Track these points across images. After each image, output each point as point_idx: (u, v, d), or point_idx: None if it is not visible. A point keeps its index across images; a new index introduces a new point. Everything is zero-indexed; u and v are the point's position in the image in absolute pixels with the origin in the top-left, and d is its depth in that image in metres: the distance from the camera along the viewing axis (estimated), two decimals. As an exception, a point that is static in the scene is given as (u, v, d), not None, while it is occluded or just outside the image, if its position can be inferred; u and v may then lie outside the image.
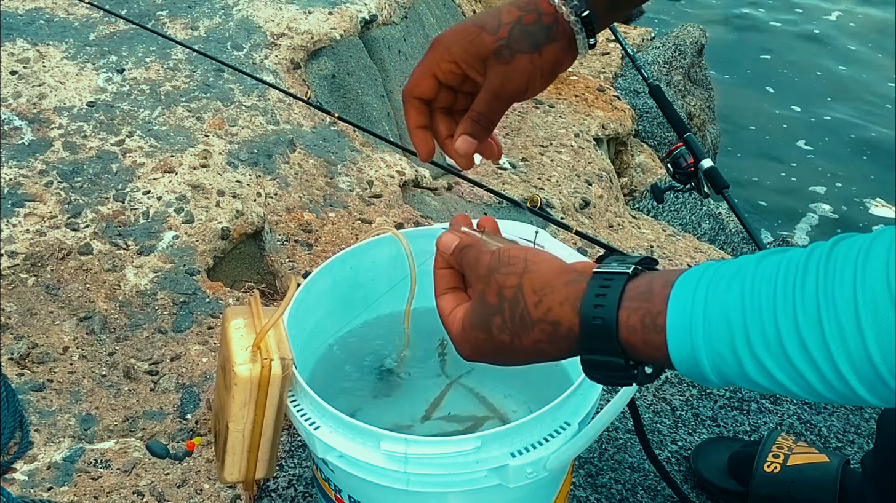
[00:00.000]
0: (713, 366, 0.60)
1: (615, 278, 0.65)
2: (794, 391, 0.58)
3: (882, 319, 0.53)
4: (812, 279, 0.56)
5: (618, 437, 1.42)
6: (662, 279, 0.64)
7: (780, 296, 0.57)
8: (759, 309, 0.58)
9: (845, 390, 0.55)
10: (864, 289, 0.54)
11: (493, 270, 0.70)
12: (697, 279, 0.62)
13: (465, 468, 0.84)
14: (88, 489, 1.19)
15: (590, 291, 0.65)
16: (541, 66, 0.82)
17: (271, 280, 1.65)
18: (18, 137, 1.67)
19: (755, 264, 0.60)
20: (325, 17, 2.15)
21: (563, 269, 0.68)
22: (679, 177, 1.60)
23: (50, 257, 1.48)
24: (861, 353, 0.54)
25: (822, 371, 0.55)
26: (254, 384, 0.91)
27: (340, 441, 0.87)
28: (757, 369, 0.58)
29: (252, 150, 1.78)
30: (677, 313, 0.61)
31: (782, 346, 0.56)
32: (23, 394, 1.29)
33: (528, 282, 0.68)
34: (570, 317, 0.65)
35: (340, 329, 1.16)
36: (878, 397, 0.55)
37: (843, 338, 0.54)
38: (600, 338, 0.64)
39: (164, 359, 1.40)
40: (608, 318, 0.63)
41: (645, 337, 0.62)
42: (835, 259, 0.56)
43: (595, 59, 3.01)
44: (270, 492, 1.23)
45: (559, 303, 0.66)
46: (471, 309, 0.72)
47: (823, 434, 1.49)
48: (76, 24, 2.02)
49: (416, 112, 0.85)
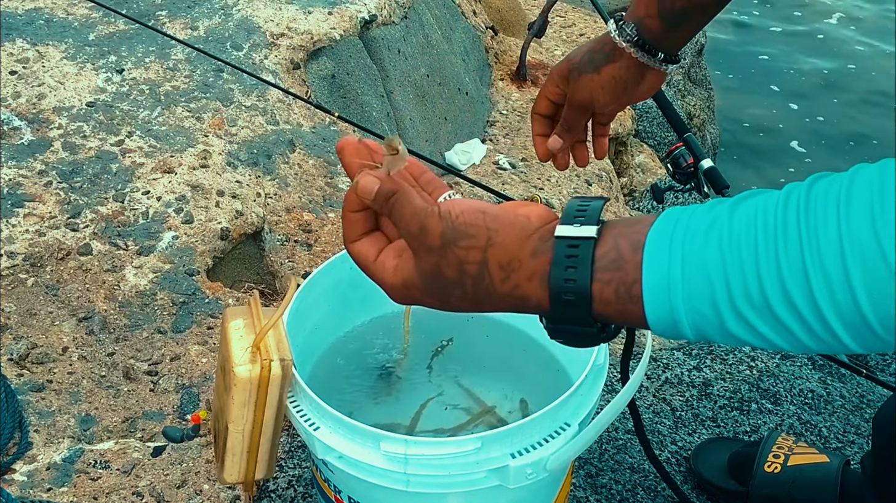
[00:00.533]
0: (692, 324, 0.58)
1: (581, 244, 0.61)
2: (778, 343, 0.57)
3: (871, 268, 0.51)
4: (794, 226, 0.54)
5: (618, 438, 1.42)
6: (629, 241, 0.60)
7: (762, 246, 0.55)
8: (739, 262, 0.56)
9: (831, 340, 0.54)
10: (850, 238, 0.52)
11: (451, 242, 0.63)
12: (670, 236, 0.59)
13: (465, 469, 0.84)
14: (88, 490, 1.19)
15: (557, 264, 0.61)
16: (600, 83, 1.04)
17: (271, 280, 1.65)
18: (18, 137, 1.67)
19: (729, 213, 0.58)
20: (325, 18, 2.15)
21: (526, 235, 0.63)
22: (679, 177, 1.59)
23: (49, 257, 1.48)
24: (849, 303, 0.52)
25: (808, 322, 0.54)
26: (253, 385, 0.91)
27: (340, 442, 0.87)
28: (740, 325, 0.57)
29: (252, 151, 1.78)
30: (653, 277, 0.59)
31: (766, 300, 0.55)
32: (22, 395, 1.29)
33: (493, 256, 0.63)
34: (538, 294, 0.62)
35: (340, 329, 1.16)
36: (865, 346, 0.54)
37: (830, 289, 0.53)
38: (572, 313, 0.62)
39: (163, 360, 1.40)
40: (581, 294, 0.60)
41: (620, 307, 0.60)
42: (815, 203, 0.55)
43: (595, 59, 3.01)
44: (270, 492, 1.23)
45: (527, 279, 0.63)
46: (416, 273, 0.66)
47: (823, 434, 1.49)
48: (76, 24, 2.01)
49: (536, 124, 1.15)
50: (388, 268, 0.67)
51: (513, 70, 2.73)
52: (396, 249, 0.68)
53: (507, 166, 2.31)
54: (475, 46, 2.71)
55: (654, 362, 1.59)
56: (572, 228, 0.62)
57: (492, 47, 2.78)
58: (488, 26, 2.82)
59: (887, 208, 0.51)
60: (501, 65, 2.78)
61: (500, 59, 2.79)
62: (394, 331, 1.16)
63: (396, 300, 0.69)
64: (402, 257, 0.67)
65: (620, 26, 1.02)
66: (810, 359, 1.66)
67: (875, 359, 1.73)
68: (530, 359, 1.14)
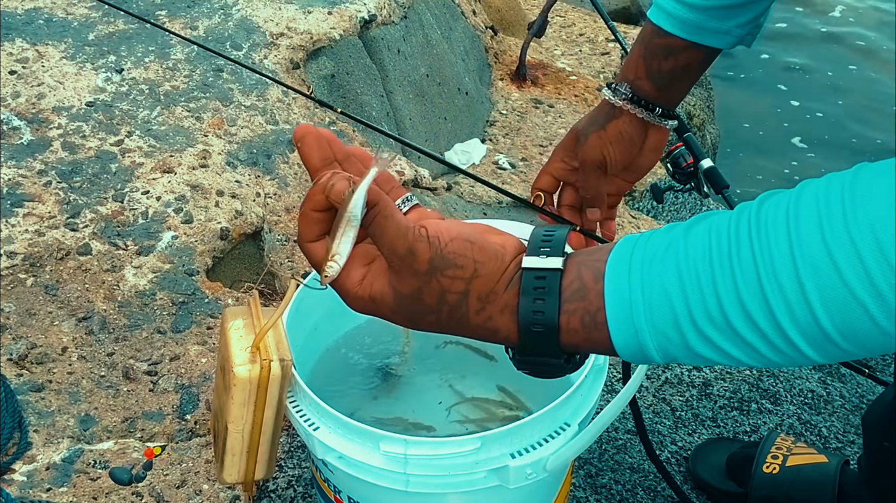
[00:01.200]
0: (657, 346, 0.59)
1: (548, 276, 0.61)
2: (744, 360, 0.57)
3: (824, 280, 0.52)
4: (746, 246, 0.55)
5: (617, 438, 1.42)
6: (591, 271, 0.61)
7: (718, 266, 0.56)
8: (697, 283, 0.56)
9: (794, 353, 0.55)
10: (802, 251, 0.53)
11: (437, 270, 0.62)
12: (628, 262, 0.60)
13: (464, 469, 0.84)
14: (87, 490, 1.19)
15: (525, 296, 0.62)
16: (608, 138, 1.08)
17: (270, 280, 1.65)
18: (17, 137, 1.67)
19: (684, 236, 0.59)
20: (325, 17, 2.15)
21: (503, 267, 0.63)
22: (679, 177, 1.59)
23: (49, 257, 1.48)
24: (807, 316, 0.53)
25: (769, 337, 0.55)
26: (253, 385, 0.91)
27: (340, 442, 0.87)
28: (703, 344, 0.57)
29: (251, 150, 1.78)
30: (616, 303, 0.59)
31: (726, 318, 0.56)
32: (22, 395, 1.29)
33: (475, 288, 0.63)
34: (508, 326, 0.63)
35: (340, 329, 1.16)
36: (826, 356, 0.55)
37: (787, 302, 0.53)
38: (540, 344, 0.62)
39: (163, 360, 1.40)
40: (549, 325, 0.61)
41: (587, 335, 0.61)
42: (765, 221, 0.55)
43: (594, 59, 3.01)
44: (270, 492, 1.23)
45: (499, 311, 0.63)
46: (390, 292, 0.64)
47: (823, 434, 1.49)
48: (75, 24, 2.01)
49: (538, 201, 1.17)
50: (353, 278, 0.65)
51: (512, 70, 2.73)
52: (364, 256, 0.66)
53: (507, 166, 2.31)
54: (475, 46, 2.71)
55: (654, 362, 1.59)
56: (538, 260, 0.62)
57: (491, 47, 2.78)
58: (488, 26, 2.82)
59: (835, 222, 0.52)
60: (501, 65, 2.78)
61: (499, 58, 2.79)
62: (393, 331, 1.16)
63: (355, 309, 0.67)
64: (371, 270, 0.65)
65: (614, 88, 1.07)
66: (810, 359, 1.66)
67: (875, 359, 1.73)
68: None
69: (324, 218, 0.65)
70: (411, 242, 0.62)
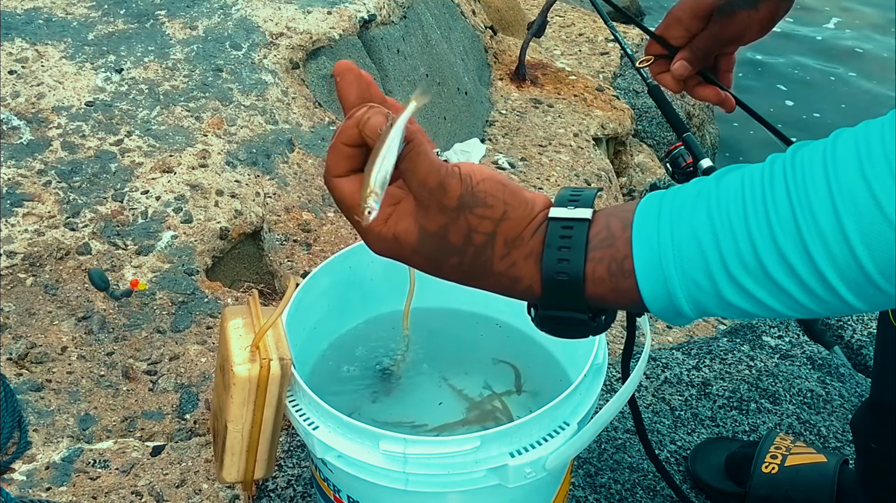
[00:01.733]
0: (688, 295, 0.56)
1: (575, 226, 0.60)
2: (779, 309, 0.55)
3: (865, 218, 0.50)
4: (782, 188, 0.53)
5: (617, 437, 1.42)
6: (619, 220, 0.59)
7: (751, 209, 0.54)
8: (729, 227, 0.54)
9: (832, 299, 0.52)
10: (841, 189, 0.50)
11: (467, 207, 0.60)
12: (657, 210, 0.58)
13: (464, 468, 0.84)
14: (87, 489, 1.19)
15: (550, 245, 0.60)
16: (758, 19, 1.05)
17: (270, 280, 1.65)
18: (17, 137, 1.67)
19: (715, 183, 0.57)
20: (324, 17, 2.15)
21: (532, 214, 0.62)
22: (678, 176, 1.59)
23: (48, 257, 1.48)
24: (846, 256, 0.50)
25: (806, 282, 0.52)
26: (252, 384, 0.91)
27: (339, 441, 0.87)
28: (736, 292, 0.55)
29: (251, 150, 1.78)
30: (644, 248, 0.57)
31: (760, 263, 0.53)
32: (21, 394, 1.29)
33: (502, 231, 0.61)
34: (531, 275, 0.61)
35: (339, 329, 1.16)
36: (867, 302, 0.53)
37: (825, 243, 0.51)
38: (565, 294, 0.60)
39: (162, 359, 1.40)
40: (574, 274, 0.59)
41: (614, 285, 0.58)
42: (801, 163, 0.53)
43: (594, 58, 3.01)
44: (269, 492, 1.23)
45: (524, 258, 0.61)
46: (416, 230, 0.61)
47: (822, 434, 1.49)
48: (74, 24, 2.01)
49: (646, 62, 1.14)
50: (379, 217, 0.62)
51: (512, 70, 2.73)
52: (391, 196, 0.63)
53: (507, 166, 2.31)
54: (474, 46, 2.71)
55: (654, 362, 1.59)
56: (566, 210, 0.61)
57: (491, 47, 2.78)
58: (487, 26, 2.82)
59: (875, 157, 0.50)
60: (501, 64, 2.78)
61: (499, 58, 2.79)
62: (393, 331, 1.16)
63: (376, 251, 0.65)
64: (397, 210, 0.63)
65: None
66: (809, 359, 1.66)
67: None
68: (530, 359, 1.14)
69: (354, 154, 0.63)
70: (443, 177, 0.60)
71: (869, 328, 1.80)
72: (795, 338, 1.72)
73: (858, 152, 0.51)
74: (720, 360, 1.62)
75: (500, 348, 1.16)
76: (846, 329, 1.80)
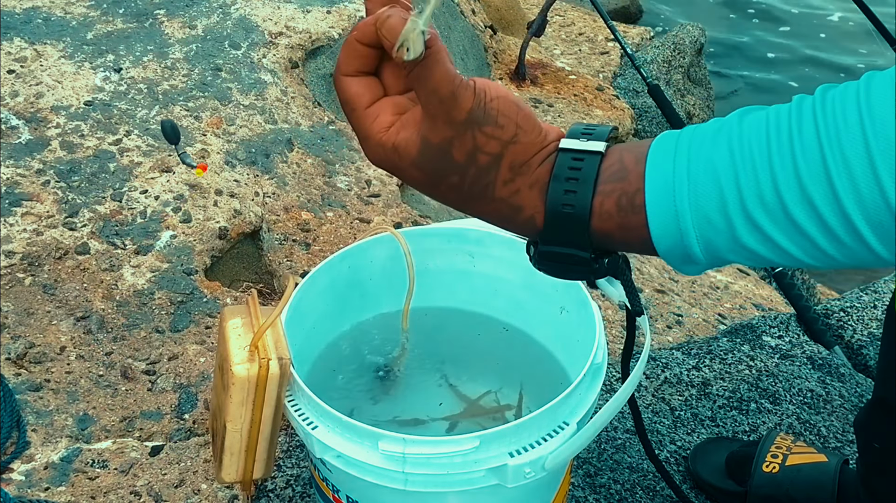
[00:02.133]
0: (700, 235, 0.53)
1: (586, 158, 0.56)
2: (797, 255, 0.51)
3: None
4: (810, 125, 0.50)
5: (616, 437, 1.41)
6: (633, 154, 0.56)
7: (776, 145, 0.50)
8: (751, 162, 0.51)
9: (856, 246, 0.49)
10: (874, 127, 0.47)
11: (475, 124, 0.56)
12: (675, 143, 0.55)
13: (463, 468, 0.84)
14: (86, 489, 1.18)
15: (558, 175, 0.56)
16: None
17: (269, 279, 1.65)
18: (16, 136, 1.67)
19: (738, 120, 0.54)
20: (324, 16, 2.15)
21: (543, 142, 0.58)
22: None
23: (47, 257, 1.47)
24: (876, 198, 0.47)
25: (830, 225, 0.49)
26: (251, 384, 0.90)
27: (338, 441, 0.86)
28: (753, 234, 0.51)
29: (250, 150, 1.78)
30: (657, 182, 0.54)
31: (781, 202, 0.50)
32: (20, 394, 1.29)
33: (510, 154, 0.57)
34: (535, 204, 0.58)
35: (338, 328, 1.15)
36: (891, 248, 0.49)
37: (853, 181, 0.47)
38: (568, 228, 0.56)
39: (161, 359, 1.39)
40: (580, 207, 0.55)
41: (621, 220, 0.55)
42: (832, 100, 0.50)
43: (594, 58, 3.01)
44: (268, 492, 1.23)
45: (528, 186, 0.58)
46: (419, 141, 0.58)
47: (823, 434, 1.48)
48: (73, 23, 2.01)
49: None
50: (381, 123, 0.59)
51: (512, 69, 2.73)
52: (397, 105, 0.60)
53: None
54: (474, 45, 2.71)
55: (653, 361, 1.59)
56: (578, 142, 0.57)
57: (491, 46, 2.78)
58: (487, 25, 2.82)
59: None
60: (500, 64, 2.78)
61: (498, 58, 2.79)
62: (392, 330, 1.16)
63: (373, 160, 0.61)
64: (403, 118, 0.60)
65: None
66: (809, 359, 1.66)
67: (875, 359, 1.73)
68: (529, 359, 1.14)
69: (366, 53, 0.60)
70: (456, 87, 0.56)
71: (869, 328, 1.79)
72: (795, 338, 1.72)
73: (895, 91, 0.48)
74: (720, 360, 1.62)
75: (499, 347, 1.16)
76: (846, 329, 1.80)
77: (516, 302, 1.14)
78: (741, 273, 2.01)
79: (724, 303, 1.84)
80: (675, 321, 1.73)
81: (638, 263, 1.87)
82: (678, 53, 3.19)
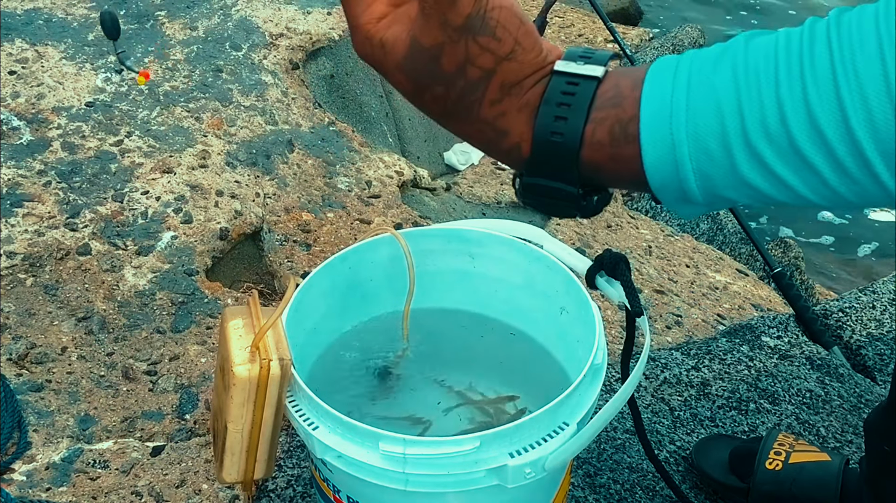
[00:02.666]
0: (696, 168, 0.48)
1: (581, 83, 0.52)
2: (799, 189, 0.47)
3: None
4: (823, 47, 0.45)
5: (616, 437, 1.42)
6: (630, 79, 0.52)
7: (784, 70, 0.46)
8: (756, 86, 0.46)
9: (866, 180, 0.45)
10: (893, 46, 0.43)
11: (471, 31, 0.51)
12: (674, 66, 0.51)
13: (463, 468, 0.84)
14: (87, 489, 1.19)
15: (549, 100, 0.52)
16: None
17: (270, 280, 1.65)
18: (17, 137, 1.67)
19: (744, 43, 0.49)
20: (324, 18, 2.15)
21: (541, 64, 0.54)
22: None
23: (48, 257, 1.48)
24: (891, 128, 0.43)
25: (839, 156, 0.45)
26: (252, 384, 0.91)
27: (339, 441, 0.87)
28: (753, 165, 0.47)
29: (251, 151, 1.78)
30: (653, 108, 0.49)
31: (787, 130, 0.46)
32: (21, 395, 1.29)
33: (503, 72, 0.53)
34: (521, 130, 0.53)
35: (339, 329, 1.16)
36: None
37: (868, 111, 0.43)
38: (556, 159, 0.52)
39: (162, 360, 1.40)
40: (570, 136, 0.51)
41: (614, 151, 0.51)
42: (848, 24, 0.46)
43: (594, 59, 3.02)
44: (269, 492, 1.23)
45: (517, 109, 0.53)
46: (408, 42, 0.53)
47: (822, 434, 1.49)
48: (75, 25, 2.01)
49: None
50: (373, 12, 0.55)
51: (511, 70, 2.73)
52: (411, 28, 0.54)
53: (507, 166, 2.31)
54: (474, 46, 2.71)
55: (653, 362, 1.59)
56: (575, 66, 0.53)
57: (491, 47, 2.78)
58: (487, 26, 2.82)
59: None
60: (500, 65, 2.78)
61: (498, 59, 2.79)
62: (393, 331, 1.16)
63: (360, 52, 0.56)
64: (396, 11, 0.55)
65: None
66: (808, 359, 1.66)
67: (873, 359, 1.74)
68: (528, 359, 1.14)
69: None
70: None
71: (868, 328, 1.80)
72: (794, 338, 1.72)
73: None
74: (719, 361, 1.62)
75: (499, 348, 1.16)
76: (845, 329, 1.80)
77: (516, 302, 1.14)
78: (740, 274, 2.02)
79: (723, 303, 1.85)
80: (674, 321, 1.73)
81: (637, 264, 1.88)
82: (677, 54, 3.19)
